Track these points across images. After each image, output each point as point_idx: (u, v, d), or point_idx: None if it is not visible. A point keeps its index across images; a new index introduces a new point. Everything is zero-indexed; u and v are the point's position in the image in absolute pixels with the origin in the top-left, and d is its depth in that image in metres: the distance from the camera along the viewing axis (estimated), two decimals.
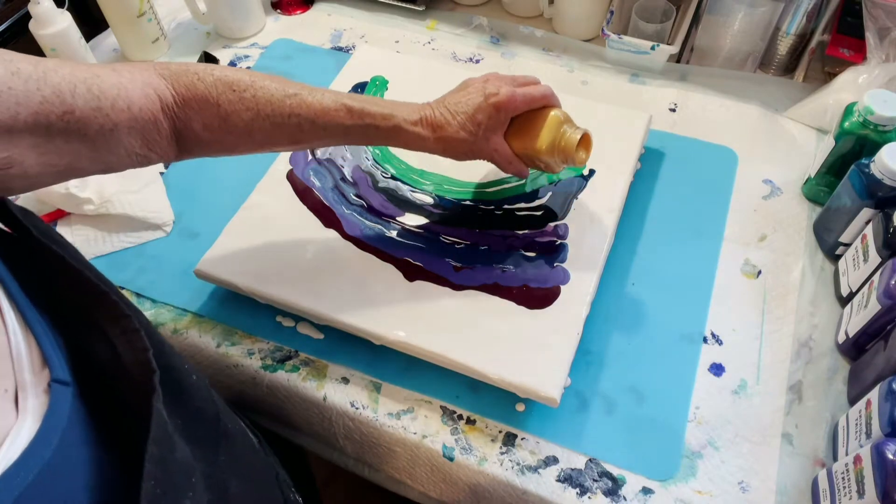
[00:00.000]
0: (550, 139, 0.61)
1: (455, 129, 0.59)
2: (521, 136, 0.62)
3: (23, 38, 1.04)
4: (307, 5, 1.03)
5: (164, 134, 0.53)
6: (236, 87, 0.54)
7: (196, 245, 0.73)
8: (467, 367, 0.60)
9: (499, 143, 0.61)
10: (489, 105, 0.59)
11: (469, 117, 0.59)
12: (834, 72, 0.84)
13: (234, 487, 0.46)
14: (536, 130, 0.61)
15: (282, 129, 0.56)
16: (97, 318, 0.38)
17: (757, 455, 0.59)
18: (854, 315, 0.61)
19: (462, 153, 0.61)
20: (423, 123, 0.59)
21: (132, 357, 0.38)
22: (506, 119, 0.60)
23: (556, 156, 0.62)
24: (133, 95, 0.49)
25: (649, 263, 0.71)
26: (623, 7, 0.90)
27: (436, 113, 0.59)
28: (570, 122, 0.62)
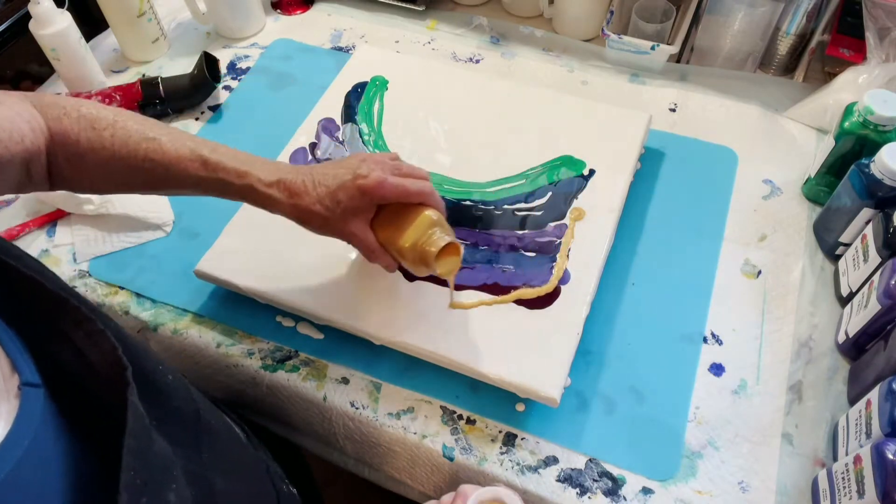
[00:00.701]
0: (415, 238, 0.56)
1: (312, 200, 0.56)
2: (387, 227, 0.57)
3: (23, 38, 1.04)
4: (307, 5, 1.02)
5: (43, 165, 0.54)
6: (97, 125, 0.54)
7: (196, 245, 0.73)
8: (467, 367, 0.60)
9: (359, 228, 0.57)
10: (354, 185, 0.55)
11: (329, 192, 0.55)
12: (834, 72, 0.84)
13: (220, 484, 0.46)
14: (403, 225, 0.56)
15: (136, 173, 0.55)
16: (59, 324, 0.39)
17: (757, 455, 0.59)
18: (854, 315, 0.61)
19: (317, 227, 0.57)
20: (280, 187, 0.56)
21: (99, 357, 0.39)
22: (370, 205, 0.56)
23: (417, 259, 0.56)
24: (24, 128, 0.50)
25: (649, 263, 0.71)
26: (623, 7, 0.90)
27: (297, 179, 0.56)
28: (445, 227, 0.57)
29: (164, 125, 0.57)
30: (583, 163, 0.73)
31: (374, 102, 0.81)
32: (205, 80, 0.87)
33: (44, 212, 0.78)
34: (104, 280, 0.73)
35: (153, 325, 0.70)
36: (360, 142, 0.78)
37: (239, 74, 0.93)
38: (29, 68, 1.16)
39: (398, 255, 0.58)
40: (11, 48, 1.07)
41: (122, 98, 0.84)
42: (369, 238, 0.58)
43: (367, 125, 0.79)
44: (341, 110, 0.81)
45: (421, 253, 0.56)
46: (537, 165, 0.74)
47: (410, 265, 0.58)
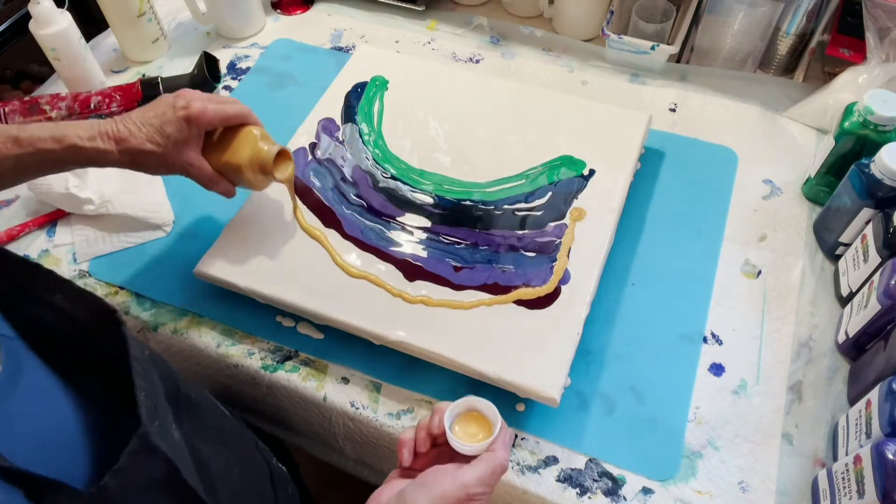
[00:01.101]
0: (249, 154, 0.61)
1: (141, 140, 0.58)
2: (219, 152, 0.62)
3: (23, 38, 1.05)
4: (307, 5, 1.02)
5: None
6: None
7: (196, 245, 0.73)
8: (467, 367, 0.60)
9: (194, 157, 0.61)
10: (177, 118, 0.58)
11: (157, 129, 0.58)
12: (834, 72, 0.84)
13: (205, 451, 0.48)
14: (235, 145, 0.62)
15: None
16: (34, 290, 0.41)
17: (757, 455, 0.59)
18: (854, 315, 0.61)
19: (152, 166, 0.60)
20: (103, 138, 0.57)
21: (84, 311, 0.41)
22: (199, 133, 0.60)
23: (257, 170, 0.62)
24: None
25: (649, 263, 0.71)
26: (623, 7, 0.90)
27: (118, 126, 0.58)
28: (268, 139, 0.63)
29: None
30: (583, 163, 0.73)
31: (374, 102, 0.81)
32: (205, 80, 0.87)
33: (44, 212, 0.78)
34: (104, 280, 0.73)
35: (153, 325, 0.70)
36: (360, 142, 0.78)
37: (239, 74, 0.93)
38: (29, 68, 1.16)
39: (236, 173, 0.63)
40: (11, 48, 1.07)
41: (122, 98, 0.84)
42: (204, 165, 0.62)
43: (367, 125, 0.79)
44: (341, 110, 0.81)
45: (260, 164, 0.62)
46: (537, 165, 0.74)
47: (250, 179, 0.63)
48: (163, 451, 0.39)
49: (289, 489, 0.62)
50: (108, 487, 0.36)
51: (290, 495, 0.61)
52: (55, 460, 0.36)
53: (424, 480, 0.45)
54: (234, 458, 0.54)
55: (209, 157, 0.62)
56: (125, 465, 0.37)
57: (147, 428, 0.38)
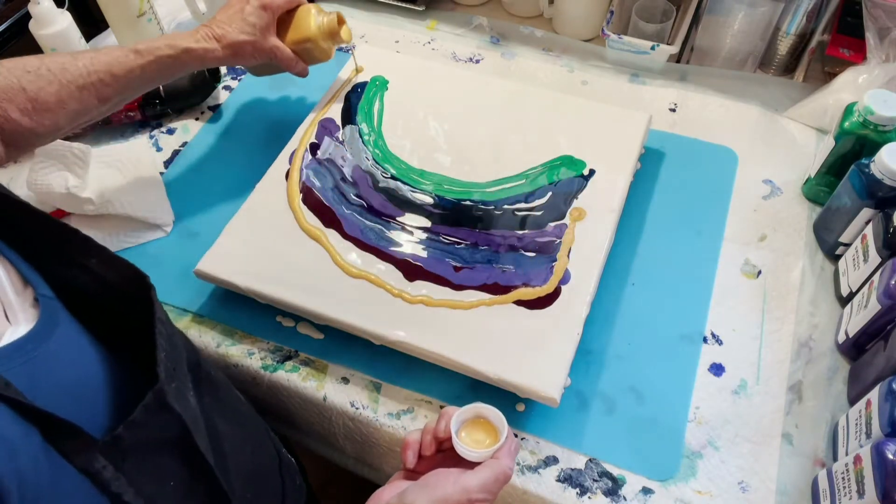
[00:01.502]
0: (317, 23, 0.73)
1: (235, 33, 0.68)
2: (289, 30, 0.73)
3: (23, 38, 1.04)
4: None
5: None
6: (29, 68, 0.58)
7: (196, 245, 0.73)
8: (467, 367, 0.60)
9: (275, 41, 0.71)
10: (253, 7, 0.69)
11: (243, 20, 0.68)
12: (834, 72, 0.84)
13: (221, 426, 0.49)
14: (301, 22, 0.73)
15: (87, 89, 0.60)
16: (70, 253, 0.43)
17: (757, 455, 0.59)
18: (854, 315, 0.61)
19: (249, 55, 0.70)
20: (206, 38, 0.67)
21: (117, 275, 0.43)
22: (273, 18, 0.70)
23: (327, 36, 0.74)
24: None
25: (649, 263, 0.71)
26: (623, 7, 0.90)
27: (213, 28, 0.68)
28: (322, 10, 0.75)
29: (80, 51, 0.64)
30: (583, 163, 0.73)
31: (374, 102, 0.81)
32: (205, 80, 0.87)
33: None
34: None
35: None
36: (360, 142, 0.78)
37: (239, 74, 0.93)
38: None
39: (310, 45, 0.74)
40: (11, 48, 1.07)
41: None
42: (286, 48, 0.72)
43: (367, 125, 0.79)
44: (341, 110, 0.81)
45: (328, 30, 0.74)
46: (537, 165, 0.74)
47: (321, 47, 0.74)
48: (177, 412, 0.40)
49: (297, 480, 0.62)
50: (121, 438, 0.37)
51: (297, 486, 0.62)
52: (75, 408, 0.37)
53: (426, 482, 0.45)
54: (248, 440, 0.55)
55: (283, 39, 0.73)
56: (139, 419, 0.38)
57: (164, 386, 0.40)
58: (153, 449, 0.40)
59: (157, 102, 0.85)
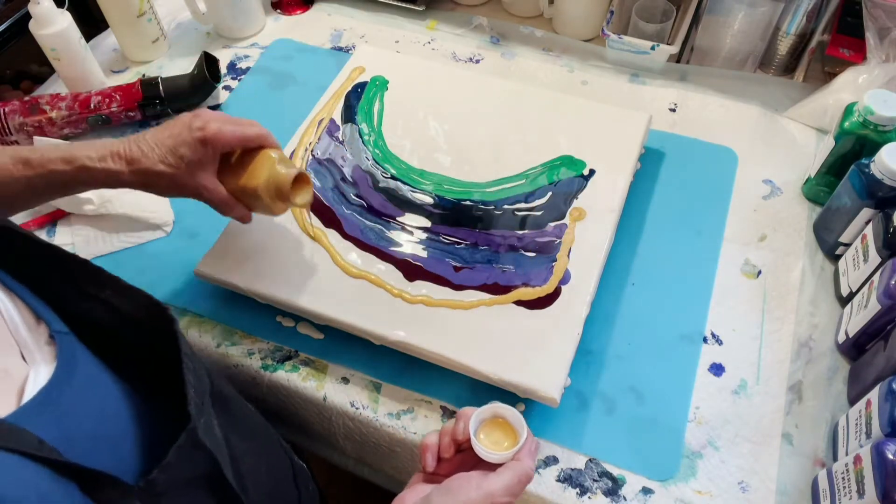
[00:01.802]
0: (265, 177, 0.58)
1: (153, 161, 0.56)
2: (235, 175, 0.59)
3: (23, 38, 1.05)
4: (307, 5, 1.02)
5: None
6: None
7: (196, 245, 0.73)
8: (467, 367, 0.60)
9: (208, 180, 0.58)
10: (193, 139, 0.56)
11: (170, 150, 0.56)
12: (834, 72, 0.84)
13: (237, 443, 0.48)
14: (251, 168, 0.58)
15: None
16: (81, 285, 0.41)
17: (757, 455, 0.59)
18: (854, 315, 0.61)
19: (164, 187, 0.58)
20: (114, 158, 0.55)
21: (133, 306, 0.42)
22: (214, 155, 0.58)
23: (273, 195, 0.59)
24: None
25: (649, 263, 0.71)
26: (623, 7, 0.90)
27: (130, 147, 0.56)
28: (287, 161, 0.60)
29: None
30: (583, 163, 0.73)
31: (374, 102, 0.81)
32: (205, 80, 0.87)
33: (44, 212, 0.78)
34: None
35: None
36: (360, 142, 0.78)
37: (239, 74, 0.93)
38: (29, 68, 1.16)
39: (251, 198, 0.59)
40: (11, 48, 1.07)
41: (121, 98, 0.84)
42: (219, 189, 0.59)
43: (367, 125, 0.79)
44: (341, 110, 0.81)
45: (276, 188, 0.58)
46: (537, 165, 0.74)
47: (267, 204, 0.59)
48: (208, 448, 0.40)
49: (310, 486, 0.62)
50: (155, 482, 0.37)
51: (310, 492, 0.62)
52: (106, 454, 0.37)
53: (449, 487, 0.45)
54: (262, 454, 0.54)
55: (224, 181, 0.59)
56: (173, 460, 0.37)
57: (195, 423, 0.39)
58: (185, 486, 0.40)
59: (158, 102, 0.85)
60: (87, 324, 0.41)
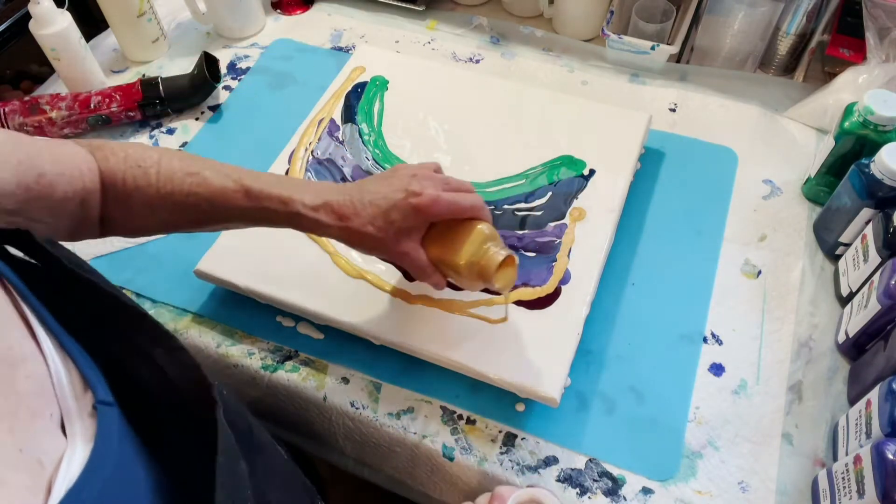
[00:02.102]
0: (471, 253, 0.54)
1: (363, 222, 0.54)
2: (440, 244, 0.55)
3: (23, 38, 1.04)
4: (307, 5, 1.03)
5: (97, 207, 0.53)
6: (142, 163, 0.53)
7: (196, 245, 0.73)
8: (467, 367, 0.60)
9: (411, 248, 0.55)
10: (408, 204, 0.53)
11: (382, 212, 0.53)
12: (834, 72, 0.84)
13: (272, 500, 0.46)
14: (458, 242, 0.54)
15: (181, 210, 0.54)
16: (137, 340, 0.38)
17: (757, 455, 0.59)
18: (854, 315, 0.61)
19: (368, 248, 0.56)
20: (326, 210, 0.54)
21: (179, 373, 0.38)
22: (423, 223, 0.55)
23: (474, 274, 0.55)
24: (82, 166, 0.51)
25: (649, 263, 0.71)
26: (623, 7, 0.90)
27: (344, 200, 0.54)
28: (497, 240, 0.56)
29: (208, 160, 0.55)
30: (583, 163, 0.73)
31: (374, 102, 0.81)
32: (205, 80, 0.87)
33: None
34: None
35: None
36: (360, 142, 0.78)
37: (239, 74, 0.93)
38: (29, 68, 1.16)
39: (452, 271, 0.56)
40: (11, 48, 1.07)
41: (121, 98, 0.84)
42: (422, 257, 0.56)
43: (367, 125, 0.79)
44: (341, 110, 0.81)
45: (479, 269, 0.54)
46: (537, 165, 0.74)
47: (465, 281, 0.56)
48: None
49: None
50: None
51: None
52: None
53: None
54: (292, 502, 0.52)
55: (427, 247, 0.55)
56: None
57: None
58: None
59: (158, 102, 0.85)
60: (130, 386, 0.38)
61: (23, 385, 0.32)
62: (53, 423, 0.33)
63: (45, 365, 0.34)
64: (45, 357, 0.34)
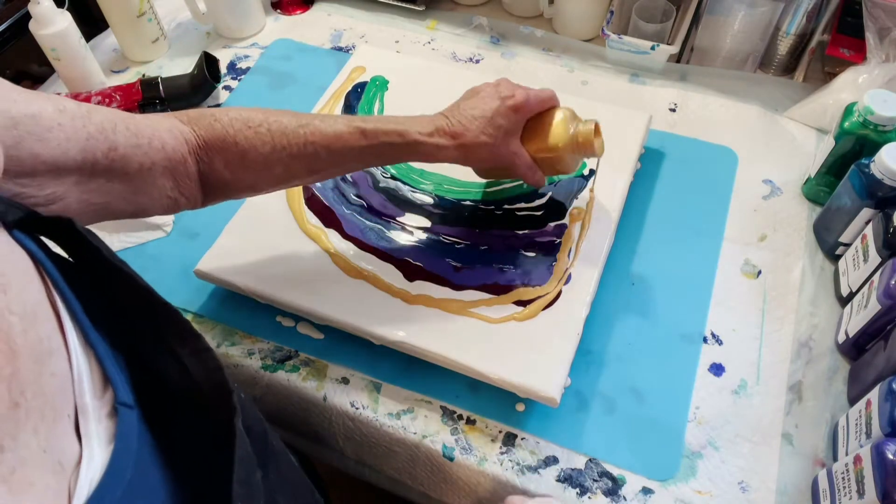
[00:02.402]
0: (567, 136, 0.61)
1: (475, 133, 0.59)
2: (535, 138, 0.62)
3: (23, 38, 1.05)
4: (307, 5, 1.03)
5: (193, 176, 0.54)
6: (251, 123, 0.55)
7: (196, 245, 0.73)
8: (467, 367, 0.60)
9: (517, 146, 0.61)
10: (507, 108, 0.59)
11: (488, 121, 0.59)
12: (834, 72, 0.84)
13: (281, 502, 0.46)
14: (550, 129, 0.62)
15: (299, 159, 0.57)
16: (166, 338, 0.38)
17: (757, 455, 0.59)
18: (854, 315, 0.61)
19: (483, 159, 0.61)
20: (440, 133, 0.59)
21: (204, 375, 0.38)
22: (522, 121, 0.61)
23: (576, 150, 0.62)
24: (165, 136, 0.51)
25: (649, 263, 0.71)
26: (623, 7, 0.90)
27: (452, 121, 0.59)
28: (578, 117, 0.64)
29: (306, 113, 0.58)
30: (583, 163, 0.73)
31: (374, 102, 0.81)
32: (205, 80, 0.87)
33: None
34: None
35: None
36: None
37: (239, 74, 0.93)
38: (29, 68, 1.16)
39: (552, 156, 0.62)
40: (11, 48, 1.07)
41: (122, 98, 0.84)
42: (527, 155, 0.62)
43: None
44: (341, 110, 0.81)
45: (578, 144, 0.61)
46: None
47: (566, 161, 0.63)
48: None
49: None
50: None
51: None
52: None
53: None
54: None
55: (525, 144, 0.62)
56: None
57: None
58: None
59: (158, 102, 0.85)
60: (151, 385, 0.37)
61: (48, 383, 0.31)
62: (70, 423, 0.32)
63: (69, 361, 0.33)
64: (70, 352, 0.33)
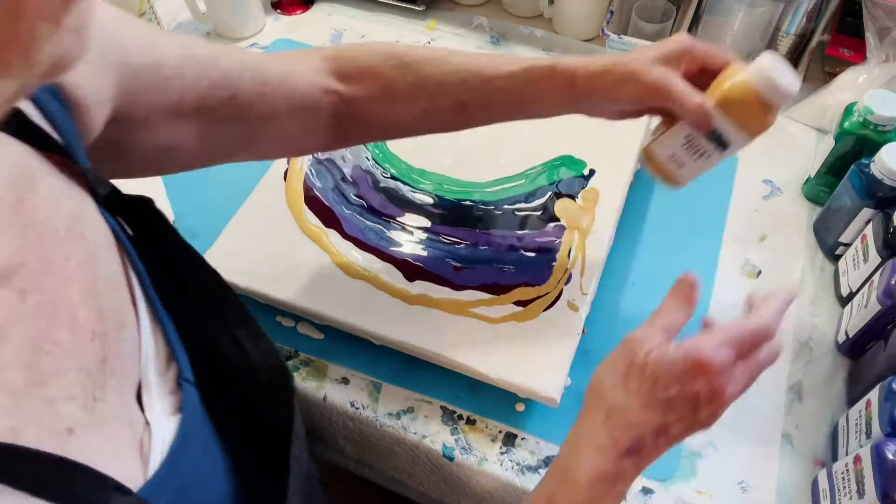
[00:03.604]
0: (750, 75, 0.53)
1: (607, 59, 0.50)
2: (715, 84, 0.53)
3: None
4: (307, 5, 1.03)
5: (323, 120, 0.52)
6: (392, 53, 0.52)
7: (196, 245, 0.72)
8: (467, 367, 0.60)
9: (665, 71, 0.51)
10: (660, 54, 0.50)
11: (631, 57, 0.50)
12: (834, 72, 0.84)
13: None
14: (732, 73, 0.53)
15: (445, 88, 0.51)
16: (227, 320, 0.39)
17: (757, 455, 0.59)
18: (854, 315, 0.61)
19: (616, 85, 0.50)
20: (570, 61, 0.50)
21: (260, 358, 0.38)
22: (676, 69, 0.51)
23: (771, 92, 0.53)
24: (297, 81, 0.49)
25: (649, 263, 0.71)
26: (623, 7, 0.90)
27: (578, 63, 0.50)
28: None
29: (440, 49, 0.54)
30: (583, 163, 0.73)
31: None
32: None
33: None
34: None
35: None
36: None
37: None
38: None
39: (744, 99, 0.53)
40: None
41: None
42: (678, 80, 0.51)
43: None
44: None
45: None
46: (537, 165, 0.74)
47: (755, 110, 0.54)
48: None
49: None
50: None
51: None
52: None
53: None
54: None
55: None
56: None
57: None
58: None
59: None
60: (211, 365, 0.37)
61: (124, 349, 0.32)
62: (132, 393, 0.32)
63: (139, 334, 0.34)
64: (140, 326, 0.34)
